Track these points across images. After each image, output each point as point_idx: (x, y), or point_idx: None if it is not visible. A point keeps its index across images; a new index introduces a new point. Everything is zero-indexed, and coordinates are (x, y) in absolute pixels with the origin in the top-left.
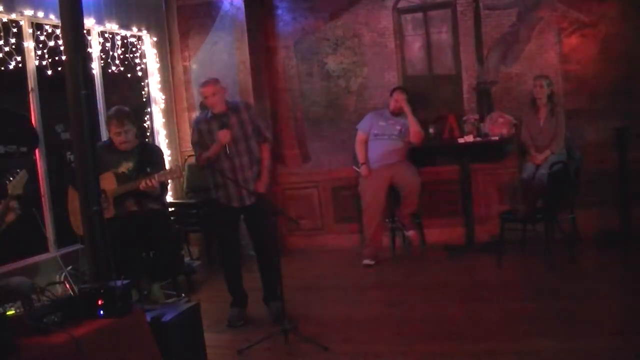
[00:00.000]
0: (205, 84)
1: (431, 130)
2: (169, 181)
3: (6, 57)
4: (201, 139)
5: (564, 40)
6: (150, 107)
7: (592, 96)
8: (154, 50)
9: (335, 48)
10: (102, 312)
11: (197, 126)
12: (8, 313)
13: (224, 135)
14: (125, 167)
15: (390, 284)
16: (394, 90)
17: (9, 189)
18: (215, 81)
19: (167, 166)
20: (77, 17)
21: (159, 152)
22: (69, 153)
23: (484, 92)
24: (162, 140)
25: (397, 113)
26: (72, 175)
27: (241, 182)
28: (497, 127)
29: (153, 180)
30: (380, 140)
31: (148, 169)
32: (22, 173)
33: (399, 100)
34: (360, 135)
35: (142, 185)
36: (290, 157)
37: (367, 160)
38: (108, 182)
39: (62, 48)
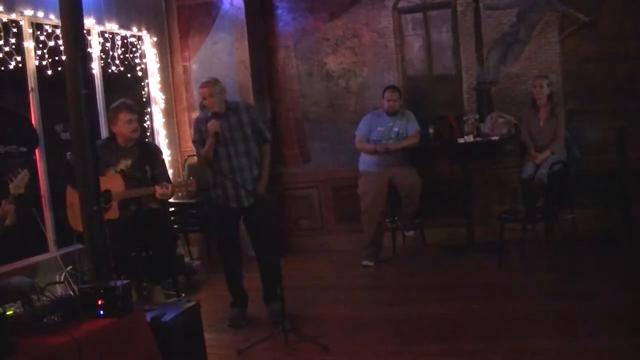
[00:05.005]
0: (203, 85)
1: (431, 130)
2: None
3: (6, 57)
4: (201, 137)
5: (564, 40)
6: (150, 107)
7: (592, 96)
8: (154, 50)
9: (335, 48)
10: (102, 312)
11: (197, 125)
12: (8, 313)
13: (212, 125)
14: (124, 164)
15: (390, 284)
16: (385, 89)
17: (11, 188)
18: (214, 82)
19: (167, 165)
20: (77, 17)
21: (158, 151)
22: (68, 153)
23: (484, 92)
24: (162, 140)
25: (393, 112)
26: (71, 174)
27: (240, 183)
28: (497, 127)
29: (170, 188)
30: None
31: (147, 167)
32: (23, 173)
33: (391, 98)
34: (358, 138)
35: (159, 192)
36: (290, 157)
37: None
38: (115, 184)
39: (62, 48)
